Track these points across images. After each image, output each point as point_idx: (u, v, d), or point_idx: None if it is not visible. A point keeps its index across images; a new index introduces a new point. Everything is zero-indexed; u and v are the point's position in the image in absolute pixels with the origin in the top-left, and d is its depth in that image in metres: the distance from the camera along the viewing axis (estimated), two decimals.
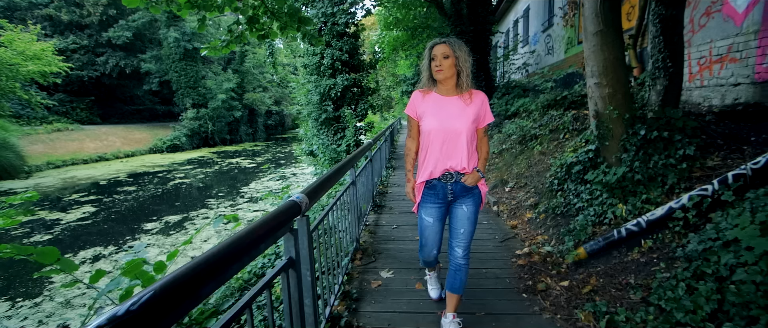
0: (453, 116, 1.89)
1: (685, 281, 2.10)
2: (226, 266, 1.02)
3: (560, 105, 6.10)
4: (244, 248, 1.12)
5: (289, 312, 1.50)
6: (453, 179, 1.94)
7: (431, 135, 1.92)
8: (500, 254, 3.25)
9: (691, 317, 1.90)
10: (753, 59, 3.82)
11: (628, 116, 3.28)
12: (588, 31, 3.39)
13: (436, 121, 1.90)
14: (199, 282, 0.88)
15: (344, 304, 2.42)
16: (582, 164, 3.62)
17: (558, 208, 3.68)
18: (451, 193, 1.97)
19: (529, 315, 2.28)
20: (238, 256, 1.08)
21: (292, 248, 1.52)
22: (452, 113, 1.90)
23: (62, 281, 6.46)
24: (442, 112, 1.91)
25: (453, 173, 1.94)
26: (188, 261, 0.92)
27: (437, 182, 1.96)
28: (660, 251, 2.53)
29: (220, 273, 0.99)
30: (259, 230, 1.24)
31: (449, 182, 1.95)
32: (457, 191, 1.97)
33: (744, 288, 1.83)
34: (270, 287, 1.35)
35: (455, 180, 1.95)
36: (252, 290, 1.24)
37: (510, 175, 5.35)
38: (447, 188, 1.96)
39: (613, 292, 2.39)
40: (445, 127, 1.89)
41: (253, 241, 1.18)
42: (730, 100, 4.11)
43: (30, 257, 2.10)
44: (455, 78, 1.91)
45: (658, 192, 2.94)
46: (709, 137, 3.32)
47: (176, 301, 0.80)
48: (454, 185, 1.95)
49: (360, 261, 3.17)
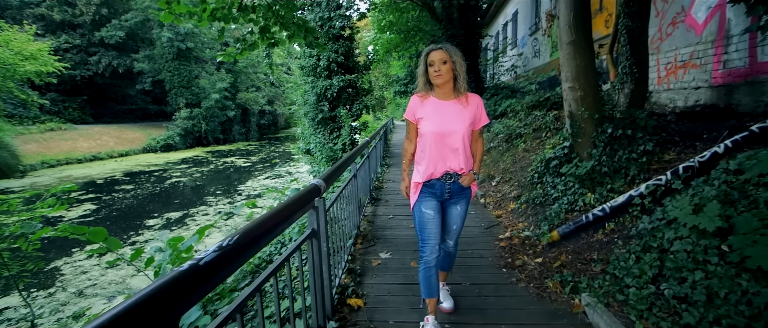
0: (450, 120, 1.97)
1: (635, 253, 2.53)
2: (275, 226, 1.41)
3: (543, 106, 6.55)
4: (286, 214, 1.51)
5: (313, 272, 1.89)
6: (451, 180, 2.03)
7: (430, 138, 1.99)
8: (485, 239, 3.66)
9: (637, 280, 2.32)
10: (711, 65, 4.29)
11: (598, 116, 3.71)
12: (563, 40, 3.81)
13: (434, 124, 1.97)
14: (263, 233, 1.27)
15: (350, 277, 2.81)
16: (558, 158, 4.05)
17: (537, 198, 4.10)
18: (449, 192, 2.06)
19: (507, 285, 2.70)
20: (284, 219, 1.47)
21: (315, 221, 1.90)
22: (450, 117, 1.97)
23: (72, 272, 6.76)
24: (439, 116, 1.98)
25: (452, 173, 2.03)
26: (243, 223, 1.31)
27: (436, 181, 2.05)
28: (619, 232, 2.96)
29: (272, 230, 1.37)
30: (294, 203, 1.63)
31: (448, 182, 2.03)
32: (454, 190, 2.06)
33: (678, 255, 2.25)
34: (299, 250, 1.74)
35: (453, 180, 2.04)
36: (289, 247, 1.63)
37: (496, 170, 5.77)
38: (445, 188, 2.05)
39: (579, 266, 2.81)
40: (442, 131, 1.96)
41: (292, 210, 1.57)
42: (692, 102, 4.57)
43: (82, 236, 2.46)
44: (452, 82, 1.98)
45: (621, 182, 3.38)
46: (669, 135, 3.76)
47: (252, 241, 1.19)
48: (452, 185, 2.04)
49: (361, 245, 3.56)
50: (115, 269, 6.84)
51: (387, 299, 2.57)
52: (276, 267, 1.51)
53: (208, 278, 0.97)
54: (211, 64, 35.75)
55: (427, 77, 2.00)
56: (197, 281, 0.93)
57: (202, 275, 0.95)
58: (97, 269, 6.93)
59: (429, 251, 2.07)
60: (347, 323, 2.24)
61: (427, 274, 2.08)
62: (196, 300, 0.94)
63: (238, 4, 3.32)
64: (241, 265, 1.24)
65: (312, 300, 1.92)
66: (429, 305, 2.16)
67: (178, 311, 0.87)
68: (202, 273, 0.95)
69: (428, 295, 2.12)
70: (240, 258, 1.14)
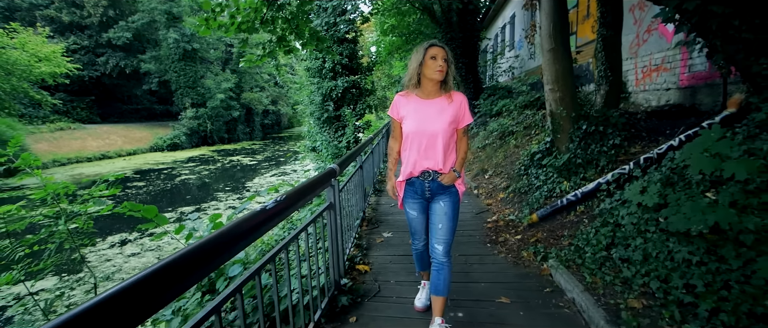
0: (431, 119, 1.98)
1: (595, 228, 3.04)
2: (306, 193, 1.93)
3: (534, 106, 7.06)
4: (314, 186, 2.03)
5: (331, 235, 2.41)
6: (430, 178, 2.04)
7: (410, 136, 2.02)
8: (475, 222, 4.17)
9: (593, 248, 2.83)
10: (678, 69, 4.79)
11: (575, 115, 4.22)
12: (544, 48, 4.32)
13: (414, 123, 2.00)
14: (300, 196, 1.79)
15: (357, 250, 3.34)
16: (541, 152, 4.56)
17: (523, 188, 4.61)
18: (429, 190, 2.07)
19: (491, 255, 3.21)
20: (311, 189, 1.99)
21: (332, 196, 2.42)
22: (430, 116, 1.98)
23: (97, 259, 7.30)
24: (420, 115, 1.99)
25: (430, 171, 2.04)
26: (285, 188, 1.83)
27: (416, 179, 2.08)
28: (587, 213, 3.47)
29: (304, 195, 1.89)
30: (318, 180, 2.15)
31: (427, 179, 2.05)
32: (433, 188, 2.06)
33: (627, 228, 2.76)
34: (321, 218, 2.25)
35: (432, 179, 2.05)
36: (315, 212, 2.15)
37: (490, 165, 6.28)
38: (424, 186, 2.07)
39: (551, 241, 3.32)
40: (421, 130, 1.98)
41: (317, 184, 2.09)
42: (663, 102, 5.07)
43: (138, 213, 2.99)
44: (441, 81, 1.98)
45: (593, 172, 3.88)
46: (637, 131, 4.26)
47: (295, 200, 1.71)
48: (430, 183, 2.05)
49: (366, 227, 4.08)
50: (136, 258, 7.39)
51: (389, 265, 3.09)
52: (306, 224, 2.03)
53: (272, 218, 1.49)
54: (217, 65, 36.35)
55: (419, 71, 1.97)
56: (266, 220, 1.45)
57: (270, 217, 1.47)
58: (120, 257, 7.47)
59: (417, 242, 2.28)
60: (357, 281, 2.76)
61: (417, 254, 2.35)
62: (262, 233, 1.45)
63: (261, 19, 3.85)
64: (288, 216, 1.77)
65: (330, 258, 2.44)
66: (423, 275, 2.50)
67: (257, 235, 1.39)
68: (270, 215, 1.47)
69: (421, 268, 2.42)
70: (289, 209, 1.66)
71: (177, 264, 0.93)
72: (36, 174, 3.15)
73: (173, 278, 0.91)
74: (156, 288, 0.85)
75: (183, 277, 0.94)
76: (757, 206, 2.19)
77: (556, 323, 2.23)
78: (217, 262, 1.15)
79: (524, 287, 2.67)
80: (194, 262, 1.00)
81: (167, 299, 0.89)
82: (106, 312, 0.72)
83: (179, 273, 0.93)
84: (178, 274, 0.93)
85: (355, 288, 2.61)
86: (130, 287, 0.78)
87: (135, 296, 0.79)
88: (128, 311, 0.76)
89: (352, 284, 2.63)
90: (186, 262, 0.97)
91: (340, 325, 2.25)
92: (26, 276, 2.89)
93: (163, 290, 0.87)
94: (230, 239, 1.21)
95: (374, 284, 2.75)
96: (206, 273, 1.09)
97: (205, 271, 1.07)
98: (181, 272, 0.94)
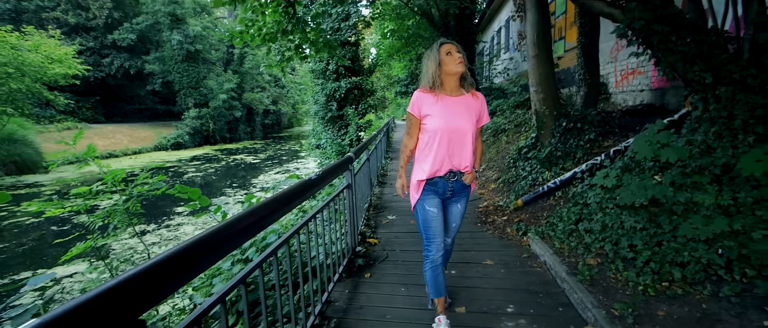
0: (460, 116, 1.91)
1: (567, 208, 3.61)
2: (334, 173, 2.50)
3: (524, 106, 7.64)
4: (337, 169, 2.60)
5: (349, 209, 2.98)
6: (455, 178, 1.97)
7: (438, 134, 1.91)
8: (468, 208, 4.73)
9: (564, 224, 3.40)
10: (650, 73, 5.37)
11: (556, 113, 4.79)
12: (529, 54, 4.90)
13: (442, 120, 1.90)
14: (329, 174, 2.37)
15: (367, 228, 3.91)
16: (527, 146, 5.14)
17: (511, 178, 5.18)
18: (451, 190, 2.01)
19: (480, 232, 3.79)
20: (335, 171, 2.56)
21: (350, 177, 2.99)
22: (459, 113, 1.92)
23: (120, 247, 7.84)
24: (448, 112, 1.91)
25: (455, 171, 1.97)
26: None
27: (440, 179, 1.98)
28: (564, 197, 4.04)
29: (330, 174, 2.46)
30: (339, 165, 2.72)
31: (451, 179, 1.97)
32: (456, 188, 2.01)
33: (591, 206, 3.34)
34: (340, 197, 2.82)
35: (457, 179, 1.98)
36: (338, 187, 2.73)
37: (484, 160, 6.86)
38: (448, 186, 1.99)
39: (532, 220, 3.89)
40: (452, 127, 1.90)
41: (339, 168, 2.66)
42: (638, 102, 5.66)
43: (184, 194, 3.56)
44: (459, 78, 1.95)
45: (570, 163, 4.46)
46: (611, 127, 4.84)
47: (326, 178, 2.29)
48: (455, 183, 1.99)
49: (373, 211, 4.65)
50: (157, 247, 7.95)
51: (394, 240, 3.66)
52: (332, 198, 2.61)
53: (314, 186, 2.06)
54: (219, 65, 36.89)
55: (439, 71, 1.91)
56: (308, 188, 2.01)
57: (312, 185, 2.04)
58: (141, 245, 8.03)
59: (435, 250, 2.03)
60: (368, 249, 3.34)
61: (434, 273, 2.06)
62: (307, 198, 2.01)
63: (282, 30, 4.42)
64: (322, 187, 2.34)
65: (348, 228, 3.01)
66: (438, 305, 2.14)
67: (304, 198, 1.95)
68: (312, 184, 2.04)
69: (436, 294, 2.10)
70: (323, 182, 2.23)
71: (248, 216, 1.32)
72: (96, 163, 3.71)
73: (240, 231, 1.26)
74: (224, 238, 1.15)
75: (250, 228, 1.33)
76: (690, 184, 2.78)
77: (529, 277, 2.81)
78: (277, 215, 1.61)
79: (506, 254, 3.24)
80: (262, 215, 1.41)
81: (228, 249, 1.19)
82: (178, 261, 0.94)
83: (251, 224, 1.32)
84: (251, 223, 1.33)
85: (368, 253, 3.19)
86: (207, 236, 1.07)
87: (208, 243, 1.06)
88: (202, 254, 1.04)
89: (365, 251, 3.20)
90: (258, 212, 1.39)
91: (358, 279, 2.83)
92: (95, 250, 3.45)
93: (227, 240, 1.18)
94: (288, 196, 1.75)
95: (383, 252, 3.33)
96: (263, 227, 1.46)
97: (264, 223, 1.45)
98: (252, 222, 1.34)
